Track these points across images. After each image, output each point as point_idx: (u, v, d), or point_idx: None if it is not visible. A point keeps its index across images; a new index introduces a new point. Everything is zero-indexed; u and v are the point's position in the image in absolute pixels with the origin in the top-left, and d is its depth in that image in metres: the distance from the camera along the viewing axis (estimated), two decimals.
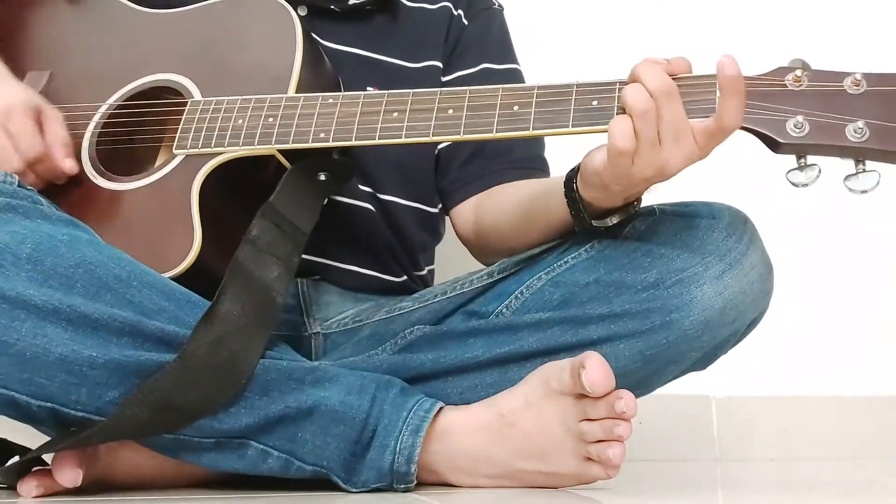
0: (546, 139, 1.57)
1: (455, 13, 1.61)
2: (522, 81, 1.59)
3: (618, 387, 1.16)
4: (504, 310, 1.32)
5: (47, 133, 1.31)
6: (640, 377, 1.27)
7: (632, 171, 1.14)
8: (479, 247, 1.53)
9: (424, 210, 1.56)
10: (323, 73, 1.41)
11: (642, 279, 1.25)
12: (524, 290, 1.32)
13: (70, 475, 1.14)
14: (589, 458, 1.19)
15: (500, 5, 1.66)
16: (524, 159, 1.53)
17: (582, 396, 1.17)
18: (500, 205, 1.48)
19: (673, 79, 1.13)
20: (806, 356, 2.12)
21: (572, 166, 1.26)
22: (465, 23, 1.61)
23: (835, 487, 1.49)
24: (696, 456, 2.04)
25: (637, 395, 1.18)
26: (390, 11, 1.57)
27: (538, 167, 1.54)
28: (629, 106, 1.13)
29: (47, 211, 1.17)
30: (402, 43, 1.56)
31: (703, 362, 1.31)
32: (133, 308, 1.14)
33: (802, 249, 2.12)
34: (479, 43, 1.60)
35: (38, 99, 1.33)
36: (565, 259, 1.31)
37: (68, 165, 1.32)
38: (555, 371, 1.20)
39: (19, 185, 1.18)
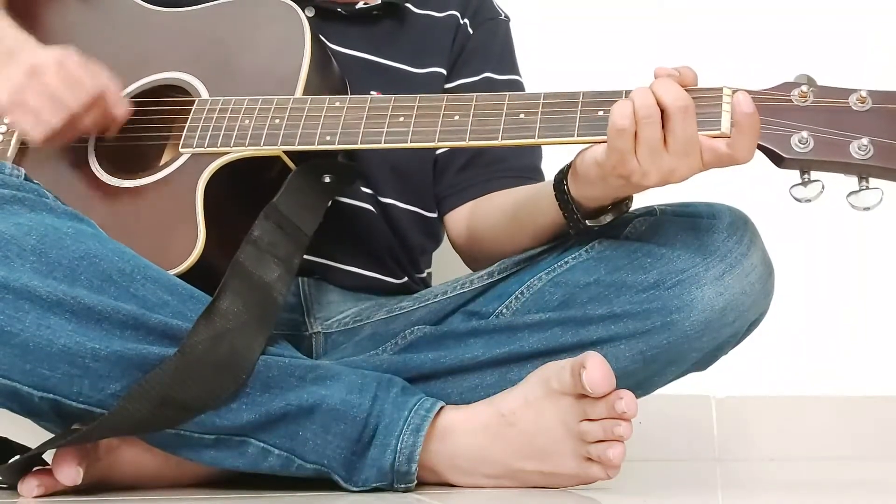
0: (547, 149, 1.57)
1: (462, 22, 1.61)
2: None
3: (618, 387, 1.16)
4: (504, 310, 1.33)
5: (101, 78, 1.33)
6: (640, 378, 1.27)
7: (631, 164, 1.15)
8: (471, 252, 1.53)
9: (423, 214, 1.57)
10: (330, 76, 1.41)
11: (643, 280, 1.26)
12: (524, 291, 1.32)
13: (70, 473, 1.14)
14: (589, 459, 1.19)
15: (506, 16, 1.67)
16: (520, 168, 1.53)
17: (582, 396, 1.18)
18: (491, 210, 1.48)
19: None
20: (806, 356, 2.12)
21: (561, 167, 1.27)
22: (471, 31, 1.61)
23: (835, 487, 1.49)
24: (696, 456, 2.04)
25: (637, 396, 1.18)
26: (397, 17, 1.58)
27: (534, 177, 1.54)
28: (637, 108, 1.13)
29: (52, 204, 1.18)
30: (408, 48, 1.56)
31: (703, 363, 1.31)
32: (136, 301, 1.14)
33: (803, 250, 2.13)
34: (482, 52, 1.60)
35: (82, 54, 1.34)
36: (565, 259, 1.31)
37: (121, 111, 1.34)
38: (555, 371, 1.20)
39: (25, 179, 1.18)
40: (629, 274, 1.27)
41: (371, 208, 1.51)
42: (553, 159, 1.52)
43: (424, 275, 1.61)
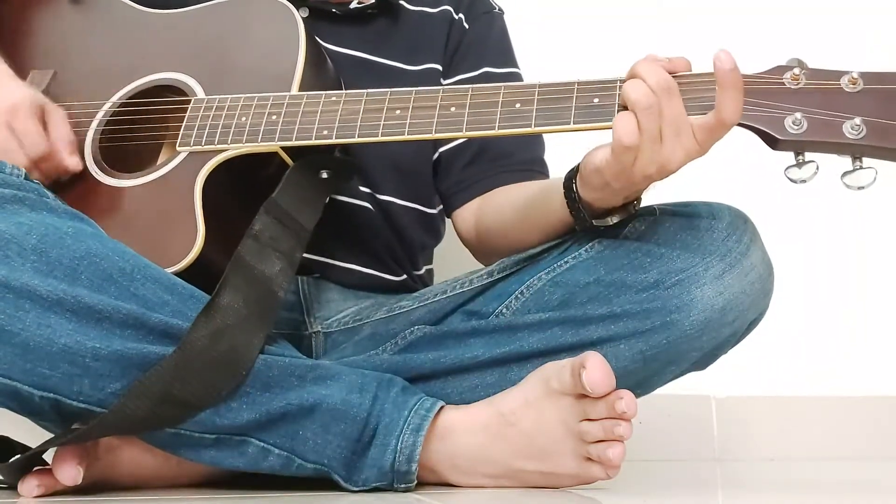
0: (547, 139, 1.58)
1: (456, 17, 1.61)
2: None
3: (618, 387, 1.16)
4: (504, 310, 1.33)
5: (52, 131, 1.32)
6: (640, 377, 1.27)
7: (634, 168, 1.15)
8: (481, 248, 1.54)
9: (423, 211, 1.57)
10: (325, 75, 1.42)
11: (642, 279, 1.25)
12: (524, 290, 1.32)
13: (71, 472, 1.13)
14: (589, 458, 1.19)
15: (500, 9, 1.67)
16: (525, 162, 1.54)
17: (582, 396, 1.17)
18: (500, 206, 1.48)
19: (672, 76, 1.14)
20: (806, 356, 2.12)
21: (571, 167, 1.26)
22: (466, 26, 1.62)
23: (835, 487, 1.49)
24: (696, 456, 2.04)
25: (637, 396, 1.18)
26: (391, 15, 1.58)
27: (538, 169, 1.55)
28: (633, 101, 1.13)
29: (53, 204, 1.18)
30: (402, 45, 1.57)
31: (703, 362, 1.31)
32: (137, 301, 1.14)
33: (802, 249, 2.13)
34: (479, 47, 1.61)
35: (41, 98, 1.34)
36: (565, 259, 1.31)
37: (72, 163, 1.33)
38: (555, 371, 1.20)
39: (26, 178, 1.18)
40: (629, 274, 1.27)
41: (369, 206, 1.51)
42: (555, 153, 1.52)
43: (423, 272, 1.61)
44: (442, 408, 1.23)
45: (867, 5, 2.20)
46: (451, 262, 1.60)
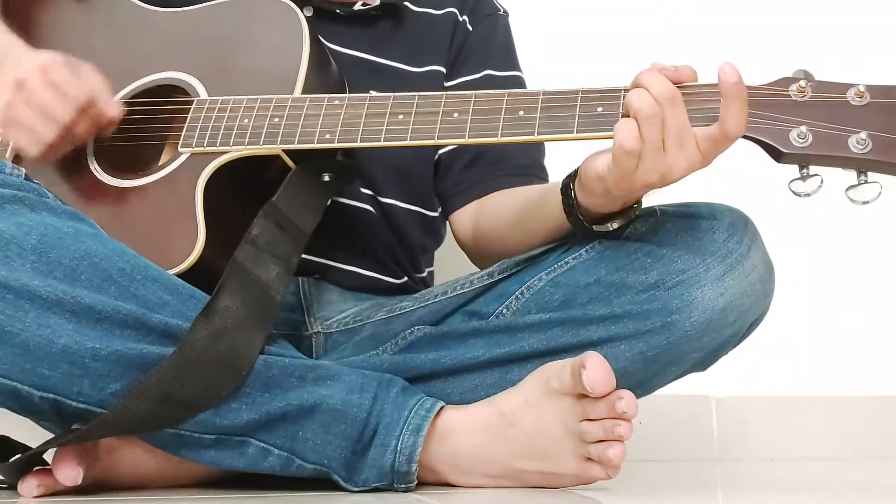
0: (547, 145, 1.57)
1: (460, 19, 1.61)
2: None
3: (618, 387, 1.16)
4: (504, 310, 1.32)
5: (88, 81, 1.31)
6: (640, 378, 1.27)
7: (635, 175, 1.15)
8: (477, 251, 1.53)
9: (424, 213, 1.57)
10: (329, 76, 1.41)
11: (643, 280, 1.25)
12: (525, 291, 1.32)
13: (70, 473, 1.14)
14: (589, 459, 1.19)
15: (505, 11, 1.67)
16: (524, 166, 1.53)
17: (582, 396, 1.17)
18: (497, 210, 1.48)
19: (677, 87, 1.14)
20: (806, 356, 2.12)
21: (569, 171, 1.26)
22: (470, 28, 1.61)
23: (835, 487, 1.49)
24: (696, 456, 2.04)
25: (637, 396, 1.18)
26: (395, 16, 1.57)
27: (538, 174, 1.55)
28: (636, 110, 1.13)
29: (53, 204, 1.17)
30: (406, 47, 1.56)
31: (703, 363, 1.31)
32: (137, 301, 1.14)
33: (803, 250, 2.13)
34: (482, 49, 1.60)
35: (67, 55, 1.33)
36: (566, 259, 1.31)
37: (114, 109, 1.33)
38: (555, 371, 1.20)
39: (26, 178, 1.18)
40: (630, 274, 1.26)
41: (371, 209, 1.50)
42: (555, 156, 1.52)
43: (425, 274, 1.61)
44: (442, 408, 1.23)
45: (871, 8, 2.19)
46: (452, 264, 1.60)
